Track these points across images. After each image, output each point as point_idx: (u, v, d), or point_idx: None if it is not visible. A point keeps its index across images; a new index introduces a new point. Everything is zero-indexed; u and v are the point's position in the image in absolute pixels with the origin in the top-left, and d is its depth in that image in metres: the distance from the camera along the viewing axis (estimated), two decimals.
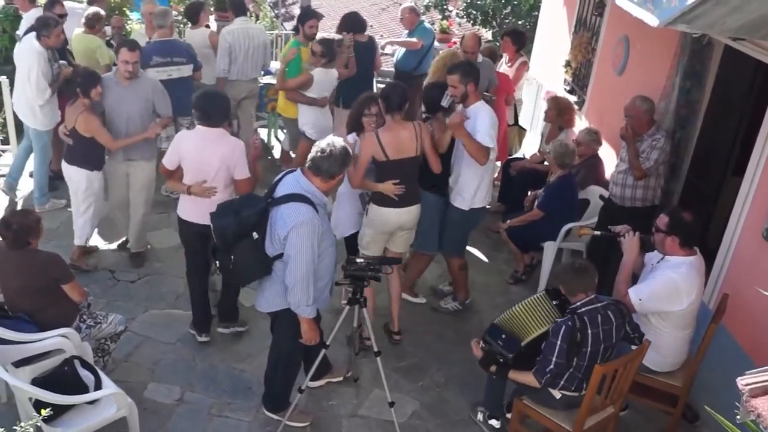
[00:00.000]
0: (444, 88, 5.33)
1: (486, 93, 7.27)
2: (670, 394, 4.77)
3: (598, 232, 5.15)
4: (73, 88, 5.81)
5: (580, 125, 7.50)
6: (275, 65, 9.73)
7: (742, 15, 3.47)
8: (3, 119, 8.19)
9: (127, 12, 10.55)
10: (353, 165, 4.84)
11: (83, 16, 7.72)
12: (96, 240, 6.64)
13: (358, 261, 4.52)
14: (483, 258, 7.17)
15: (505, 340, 4.39)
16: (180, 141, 5.18)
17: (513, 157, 8.31)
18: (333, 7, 20.54)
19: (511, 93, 8.20)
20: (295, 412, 4.79)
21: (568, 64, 8.40)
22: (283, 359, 4.70)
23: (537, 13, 10.55)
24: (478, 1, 12.87)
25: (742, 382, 2.88)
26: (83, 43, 7.69)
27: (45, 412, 3.08)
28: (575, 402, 4.27)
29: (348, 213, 5.58)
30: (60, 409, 4.08)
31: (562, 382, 4.23)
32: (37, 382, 4.20)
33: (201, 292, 5.53)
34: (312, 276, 4.16)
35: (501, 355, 4.40)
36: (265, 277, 4.36)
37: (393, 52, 9.68)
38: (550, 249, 6.35)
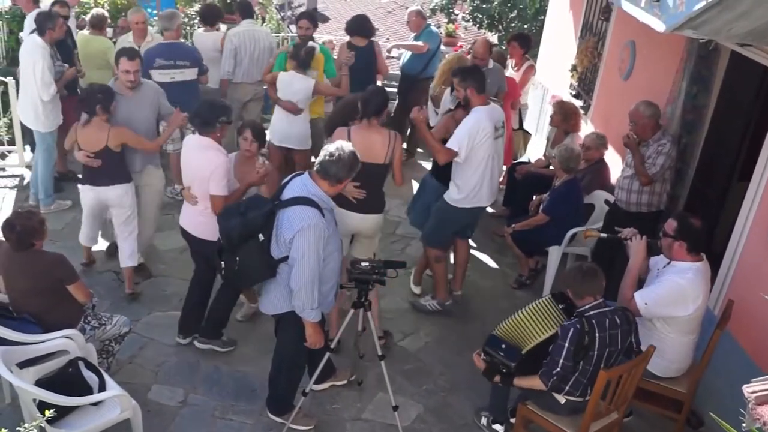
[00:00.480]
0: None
1: (494, 98, 7.27)
2: (675, 400, 4.75)
3: (604, 235, 5.13)
4: (92, 105, 5.50)
5: (586, 130, 7.49)
6: None
7: (749, 21, 3.48)
8: (9, 120, 8.20)
9: (143, 11, 10.52)
10: None
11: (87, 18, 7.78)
12: (98, 241, 6.59)
13: (363, 264, 4.50)
14: (487, 262, 7.16)
15: (506, 350, 4.38)
16: (184, 141, 5.31)
17: (518, 161, 8.31)
18: (340, 10, 20.59)
19: (518, 97, 8.19)
20: (298, 416, 4.79)
21: (574, 69, 8.40)
22: (287, 362, 4.70)
23: (543, 17, 10.53)
24: (484, 5, 12.86)
25: (748, 389, 2.87)
26: (93, 44, 7.68)
27: (49, 414, 3.08)
28: (579, 407, 4.26)
29: None
30: (64, 411, 4.08)
31: (567, 387, 4.22)
32: (41, 383, 4.20)
33: (195, 302, 5.49)
34: (317, 280, 4.15)
35: (503, 365, 4.39)
36: (270, 280, 4.37)
37: (399, 56, 9.67)
38: (555, 253, 6.34)
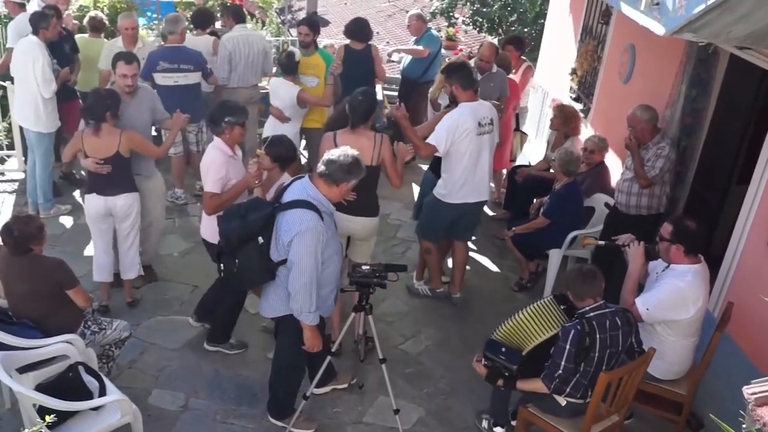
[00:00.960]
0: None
1: (495, 102, 7.28)
2: (675, 402, 4.75)
3: (602, 242, 5.14)
4: (101, 111, 5.34)
5: (586, 133, 7.50)
6: None
7: (748, 24, 3.48)
8: (8, 124, 8.20)
9: (134, 16, 10.53)
10: None
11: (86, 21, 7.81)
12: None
13: (364, 268, 4.51)
14: (488, 265, 7.16)
15: (506, 353, 4.37)
16: None
17: (518, 164, 8.31)
18: (341, 14, 20.60)
19: (518, 100, 8.21)
20: (300, 419, 4.79)
21: (574, 72, 8.40)
22: (286, 365, 4.70)
23: (543, 20, 10.53)
24: (485, 9, 12.86)
25: (748, 391, 2.87)
26: (93, 47, 7.64)
27: (49, 419, 3.08)
28: (580, 410, 4.25)
29: None
30: (64, 416, 4.08)
31: (568, 389, 4.21)
32: (41, 388, 4.20)
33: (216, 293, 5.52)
34: (315, 283, 4.16)
35: (505, 368, 4.39)
36: (269, 283, 4.37)
37: (400, 60, 9.68)
38: (555, 256, 6.35)
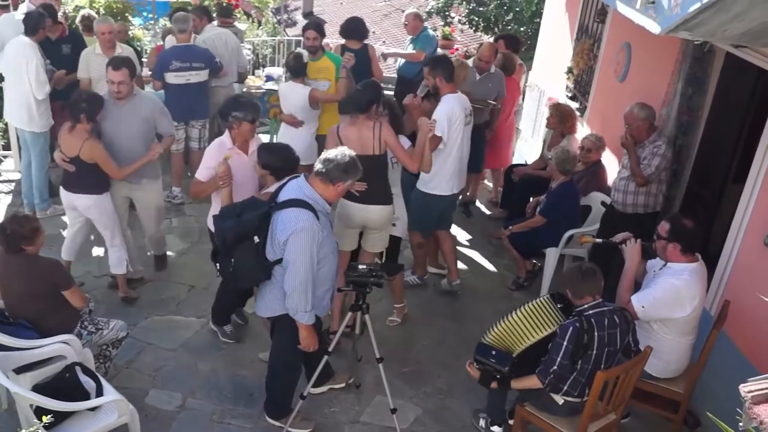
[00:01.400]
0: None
1: (492, 102, 7.29)
2: (672, 401, 4.76)
3: (599, 241, 5.15)
4: (76, 112, 5.32)
5: (582, 132, 7.50)
6: (277, 71, 9.75)
7: (744, 23, 3.48)
8: (4, 125, 8.18)
9: (129, 18, 10.55)
10: None
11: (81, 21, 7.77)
12: (97, 245, 6.61)
13: (360, 267, 4.51)
14: (485, 264, 7.17)
15: (497, 356, 4.37)
16: None
17: (515, 163, 8.32)
18: (336, 13, 20.58)
19: (517, 99, 8.25)
20: (297, 419, 4.79)
21: (570, 71, 8.40)
22: (282, 365, 4.69)
23: (539, 20, 10.52)
24: (481, 8, 12.85)
25: (744, 389, 2.86)
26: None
27: (46, 419, 3.07)
28: (577, 408, 4.26)
29: None
30: (61, 416, 4.07)
31: (565, 387, 4.22)
32: (38, 388, 4.19)
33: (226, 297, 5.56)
34: (310, 282, 4.16)
35: (496, 371, 4.39)
36: (265, 282, 4.37)
37: (395, 60, 9.68)
38: (552, 255, 6.35)
